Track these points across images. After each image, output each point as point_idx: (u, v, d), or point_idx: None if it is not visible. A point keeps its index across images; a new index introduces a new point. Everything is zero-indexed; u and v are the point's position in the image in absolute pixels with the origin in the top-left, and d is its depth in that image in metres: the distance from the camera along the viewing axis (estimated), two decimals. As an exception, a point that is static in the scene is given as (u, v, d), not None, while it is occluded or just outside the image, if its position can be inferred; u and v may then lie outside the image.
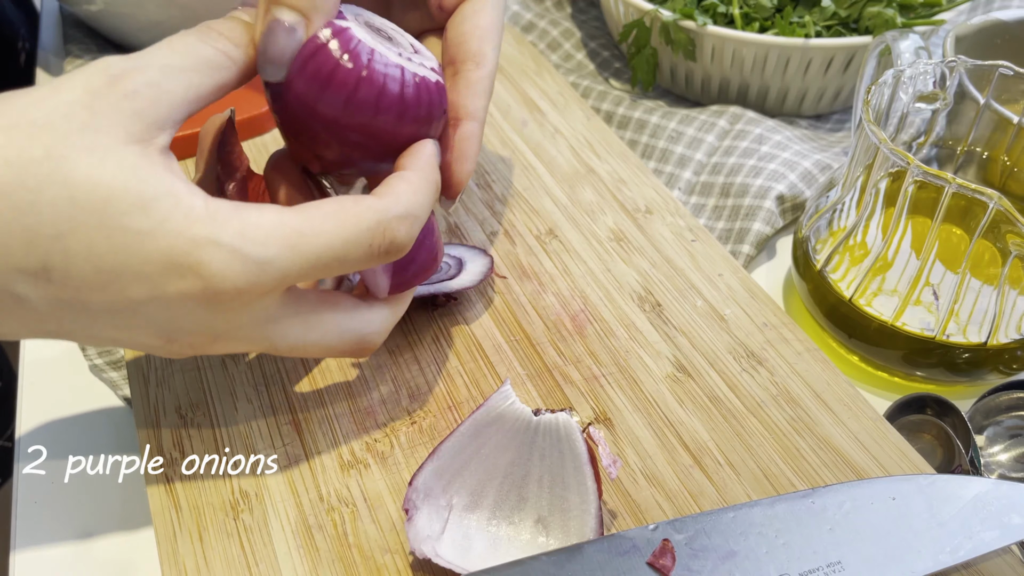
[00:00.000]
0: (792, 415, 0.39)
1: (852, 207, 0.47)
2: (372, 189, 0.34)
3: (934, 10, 0.60)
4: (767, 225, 0.52)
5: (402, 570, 0.34)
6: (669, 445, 0.38)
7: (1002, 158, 0.50)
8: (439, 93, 0.35)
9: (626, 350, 0.42)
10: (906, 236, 0.45)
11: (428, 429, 0.38)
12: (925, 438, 0.43)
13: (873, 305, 0.45)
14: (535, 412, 0.34)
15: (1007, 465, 0.43)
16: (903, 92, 0.47)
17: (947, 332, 0.43)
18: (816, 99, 0.62)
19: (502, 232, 0.49)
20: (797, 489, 0.37)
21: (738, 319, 0.44)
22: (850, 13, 0.59)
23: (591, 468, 0.34)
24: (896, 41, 0.49)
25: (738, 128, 0.58)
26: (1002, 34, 0.56)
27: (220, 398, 0.39)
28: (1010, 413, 0.44)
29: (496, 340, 0.43)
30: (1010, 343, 0.43)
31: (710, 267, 0.47)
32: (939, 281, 0.44)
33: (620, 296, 0.45)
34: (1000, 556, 0.34)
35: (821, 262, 0.46)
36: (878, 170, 0.44)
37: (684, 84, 0.64)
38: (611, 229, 0.49)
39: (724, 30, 0.58)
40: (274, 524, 0.35)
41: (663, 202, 0.51)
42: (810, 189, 0.54)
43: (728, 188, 0.54)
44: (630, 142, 0.59)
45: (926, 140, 0.51)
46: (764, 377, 0.41)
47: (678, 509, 0.36)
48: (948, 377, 0.45)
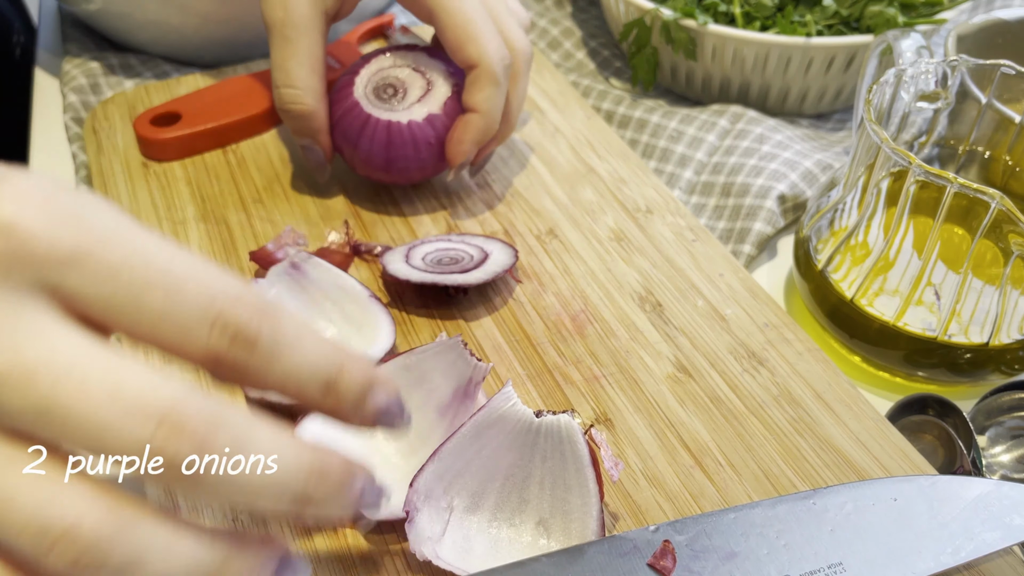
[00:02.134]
0: (793, 416, 0.39)
1: (853, 207, 0.46)
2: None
3: (935, 9, 0.60)
4: (768, 225, 0.52)
5: (402, 571, 0.33)
6: (670, 446, 0.38)
7: (1004, 158, 0.50)
8: (421, 129, 0.47)
9: (627, 350, 0.42)
10: (908, 236, 0.45)
11: (428, 430, 0.38)
12: (927, 439, 0.43)
13: (875, 305, 0.45)
14: (537, 414, 0.34)
15: (1009, 466, 0.43)
16: (904, 91, 0.47)
17: (949, 332, 0.43)
18: (817, 98, 0.62)
19: (502, 232, 0.49)
20: (798, 490, 0.36)
21: (739, 319, 0.44)
22: (851, 12, 0.59)
23: (593, 471, 0.34)
24: (898, 40, 0.49)
25: (739, 127, 0.57)
26: (1004, 33, 0.56)
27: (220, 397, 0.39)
28: (1012, 414, 0.44)
29: (496, 340, 0.43)
30: (1012, 343, 0.43)
31: (711, 267, 0.47)
32: (941, 281, 0.44)
33: (620, 296, 0.45)
34: (1002, 557, 0.34)
35: (822, 262, 0.46)
36: (880, 170, 0.44)
37: (685, 83, 0.64)
38: (611, 229, 0.49)
39: (725, 29, 0.57)
40: (274, 524, 0.35)
41: (664, 202, 0.51)
42: (811, 189, 0.54)
43: (729, 188, 0.54)
44: (630, 141, 0.59)
45: (928, 140, 0.51)
46: (765, 377, 0.41)
47: (679, 510, 0.36)
48: (950, 377, 0.45)
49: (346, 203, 0.50)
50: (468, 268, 0.44)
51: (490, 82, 0.45)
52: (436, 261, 0.45)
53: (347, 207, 0.50)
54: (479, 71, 0.45)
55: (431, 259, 0.45)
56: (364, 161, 0.48)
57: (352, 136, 0.47)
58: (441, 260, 0.45)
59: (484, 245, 0.47)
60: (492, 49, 0.45)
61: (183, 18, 0.60)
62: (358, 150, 0.47)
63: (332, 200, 0.50)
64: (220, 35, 0.61)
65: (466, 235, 0.48)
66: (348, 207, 0.50)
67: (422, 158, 0.48)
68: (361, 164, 0.48)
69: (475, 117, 0.46)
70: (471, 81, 0.46)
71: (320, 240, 0.48)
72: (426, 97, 0.48)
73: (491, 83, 0.45)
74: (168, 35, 0.61)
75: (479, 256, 0.45)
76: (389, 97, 0.48)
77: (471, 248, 0.46)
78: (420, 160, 0.48)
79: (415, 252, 0.46)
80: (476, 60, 0.45)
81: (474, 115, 0.46)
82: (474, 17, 0.45)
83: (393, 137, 0.47)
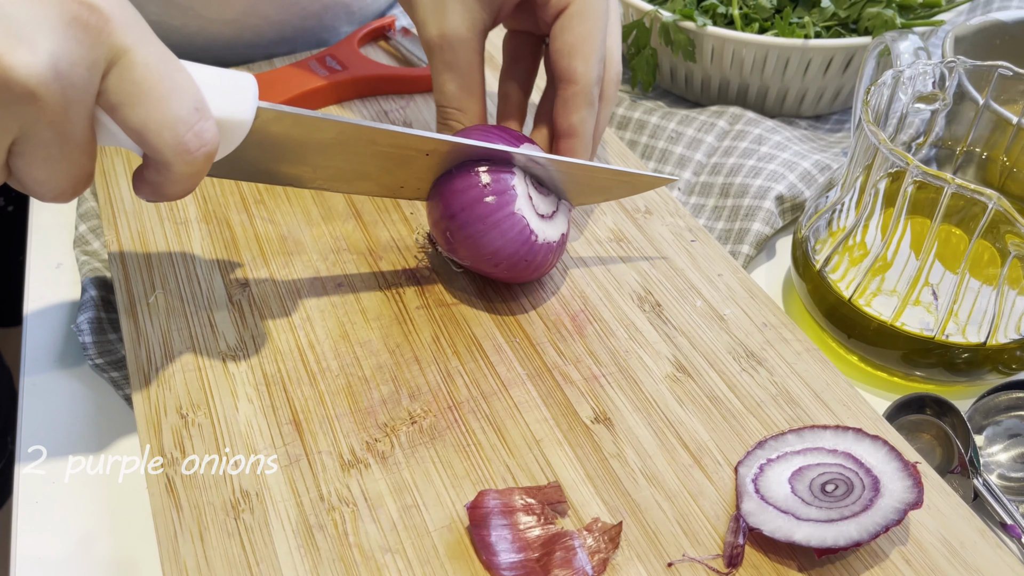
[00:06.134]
0: (792, 415, 0.40)
1: (851, 207, 0.47)
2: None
3: (933, 11, 0.60)
4: (766, 225, 0.52)
5: (403, 570, 0.34)
6: (669, 445, 0.38)
7: (1001, 158, 0.50)
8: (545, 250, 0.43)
9: (626, 350, 0.42)
10: (905, 236, 0.46)
11: (428, 429, 0.39)
12: (924, 438, 0.43)
13: (872, 305, 0.45)
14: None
15: (1006, 465, 0.43)
16: (902, 93, 0.47)
17: (946, 332, 0.43)
18: (815, 100, 0.62)
19: (502, 232, 0.49)
20: (797, 489, 0.37)
21: (737, 319, 0.44)
22: (849, 14, 0.59)
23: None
24: (895, 42, 0.49)
25: (737, 128, 0.58)
26: (1001, 35, 0.56)
27: (221, 398, 0.40)
28: (1009, 413, 0.44)
29: (496, 340, 0.43)
30: (1009, 343, 0.43)
31: (709, 267, 0.47)
32: (938, 281, 0.44)
33: (620, 296, 0.45)
34: (1000, 556, 0.34)
35: (820, 262, 0.46)
36: (877, 170, 0.44)
37: (684, 85, 0.64)
38: (611, 229, 0.49)
39: (724, 31, 0.58)
40: (275, 524, 0.35)
41: (663, 202, 0.51)
42: (809, 189, 0.54)
43: (728, 188, 0.54)
44: (630, 142, 0.59)
45: (925, 140, 0.51)
46: (763, 377, 0.41)
47: (678, 509, 0.36)
48: (947, 377, 0.45)
49: (347, 203, 0.50)
50: (857, 508, 0.34)
51: (586, 103, 0.43)
52: (821, 488, 0.35)
53: (348, 207, 0.50)
54: (577, 89, 0.42)
55: (816, 485, 0.35)
56: (488, 256, 0.41)
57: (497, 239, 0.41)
58: (824, 487, 0.35)
59: (864, 453, 0.36)
60: (594, 67, 0.42)
61: (184, 19, 0.60)
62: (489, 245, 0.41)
63: (333, 200, 0.51)
64: (222, 37, 0.61)
65: (828, 429, 0.38)
66: (349, 207, 0.50)
67: (542, 266, 0.43)
68: (479, 257, 0.42)
69: (572, 142, 0.43)
70: (567, 98, 0.43)
71: (323, 241, 0.48)
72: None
73: (587, 103, 0.43)
74: (169, 36, 0.62)
75: (867, 479, 0.35)
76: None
77: (850, 463, 0.36)
78: (538, 267, 0.43)
79: (782, 469, 0.36)
80: (578, 77, 0.42)
81: (569, 140, 0.43)
82: (595, 28, 0.42)
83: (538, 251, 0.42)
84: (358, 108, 0.58)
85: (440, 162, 0.41)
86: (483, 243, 0.41)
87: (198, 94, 0.32)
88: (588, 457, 0.38)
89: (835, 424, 0.38)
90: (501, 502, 0.35)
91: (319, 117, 0.37)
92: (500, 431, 0.39)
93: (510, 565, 0.33)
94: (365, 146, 0.39)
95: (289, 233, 0.48)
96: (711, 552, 0.34)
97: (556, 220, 0.43)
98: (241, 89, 0.34)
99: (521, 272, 0.42)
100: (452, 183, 0.41)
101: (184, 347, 0.42)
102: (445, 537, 0.35)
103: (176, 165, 0.32)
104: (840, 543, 0.32)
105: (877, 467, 0.35)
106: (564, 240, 0.44)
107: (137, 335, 0.42)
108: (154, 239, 0.47)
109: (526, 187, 0.42)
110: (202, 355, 0.41)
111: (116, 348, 0.45)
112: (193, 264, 0.46)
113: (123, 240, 0.47)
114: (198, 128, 0.32)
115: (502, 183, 0.41)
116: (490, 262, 0.42)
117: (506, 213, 0.41)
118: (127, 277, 0.45)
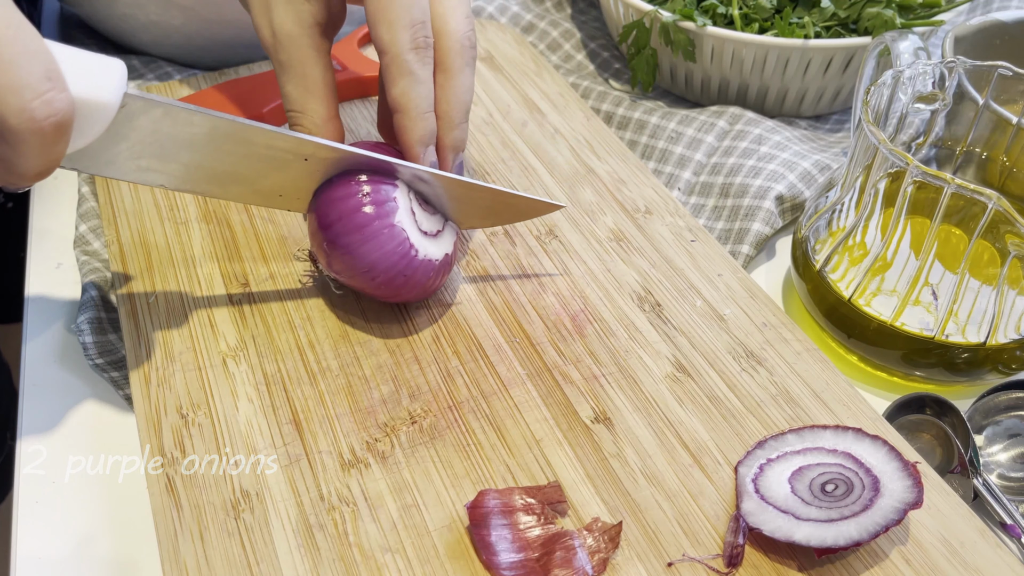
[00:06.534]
0: (791, 415, 0.40)
1: (851, 207, 0.47)
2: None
3: (933, 11, 0.60)
4: (766, 225, 0.52)
5: (403, 570, 0.34)
6: (669, 445, 0.38)
7: (1001, 158, 0.50)
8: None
9: (626, 350, 0.42)
10: (905, 236, 0.46)
11: (428, 429, 0.39)
12: (924, 438, 0.43)
13: (872, 305, 0.45)
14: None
15: (1006, 465, 0.43)
16: (902, 93, 0.47)
17: (946, 332, 0.43)
18: (815, 100, 0.62)
19: (502, 232, 0.49)
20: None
21: (737, 319, 0.44)
22: (849, 14, 0.59)
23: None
24: (895, 42, 0.49)
25: (737, 128, 0.58)
26: (1001, 35, 0.56)
27: (221, 398, 0.40)
28: (1009, 413, 0.44)
29: (496, 340, 0.43)
30: (1009, 343, 0.43)
31: (709, 267, 0.47)
32: (938, 281, 0.44)
33: (620, 296, 0.45)
34: (1000, 556, 0.35)
35: (820, 262, 0.46)
36: (877, 170, 0.44)
37: (684, 85, 0.64)
38: (611, 229, 0.49)
39: (723, 31, 0.58)
40: (275, 523, 0.35)
41: (663, 202, 0.51)
42: (809, 189, 0.54)
43: (727, 188, 0.54)
44: (630, 143, 0.59)
45: (925, 140, 0.51)
46: (763, 377, 0.41)
47: (678, 509, 0.36)
48: (947, 377, 0.45)
49: (347, 204, 0.50)
50: (857, 508, 0.34)
51: (400, 73, 0.39)
52: (821, 488, 0.35)
53: (348, 208, 0.50)
54: (387, 60, 0.39)
55: (816, 485, 0.35)
56: (364, 269, 0.40)
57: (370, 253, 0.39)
58: (824, 486, 0.35)
59: (864, 453, 0.36)
60: (401, 33, 0.39)
61: (185, 20, 0.60)
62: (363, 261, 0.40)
63: (333, 201, 0.51)
64: (222, 37, 0.62)
65: (827, 429, 0.38)
66: (349, 208, 0.50)
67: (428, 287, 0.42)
68: (353, 273, 0.40)
69: (400, 119, 0.40)
70: (382, 71, 0.40)
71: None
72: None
73: (401, 74, 0.39)
74: (170, 36, 0.62)
75: (867, 479, 0.35)
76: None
77: (849, 462, 0.36)
78: (417, 285, 0.41)
79: (782, 469, 0.36)
80: (386, 46, 0.39)
81: (398, 116, 0.40)
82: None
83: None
84: (358, 108, 0.58)
85: (320, 170, 0.40)
86: (359, 254, 0.39)
87: (52, 64, 0.31)
88: (588, 457, 0.38)
89: (835, 424, 0.38)
90: (501, 502, 0.35)
91: (191, 110, 0.35)
92: (500, 431, 0.39)
93: (510, 565, 0.33)
94: (240, 145, 0.38)
95: (289, 233, 0.48)
96: (711, 552, 0.34)
97: (441, 239, 0.42)
98: (108, 72, 0.33)
99: (400, 289, 0.41)
100: (331, 191, 0.40)
101: (184, 347, 0.42)
102: (445, 537, 0.35)
103: (23, 135, 0.30)
104: (840, 543, 0.32)
105: (877, 467, 0.35)
106: (448, 261, 0.42)
107: (137, 335, 0.42)
108: (154, 239, 0.47)
109: (409, 201, 0.41)
110: (202, 355, 0.41)
111: (116, 348, 0.45)
112: (193, 264, 0.46)
113: (123, 240, 0.47)
114: (48, 96, 0.30)
115: (383, 193, 0.39)
116: (367, 275, 0.40)
117: (385, 224, 0.39)
118: (127, 277, 0.45)
